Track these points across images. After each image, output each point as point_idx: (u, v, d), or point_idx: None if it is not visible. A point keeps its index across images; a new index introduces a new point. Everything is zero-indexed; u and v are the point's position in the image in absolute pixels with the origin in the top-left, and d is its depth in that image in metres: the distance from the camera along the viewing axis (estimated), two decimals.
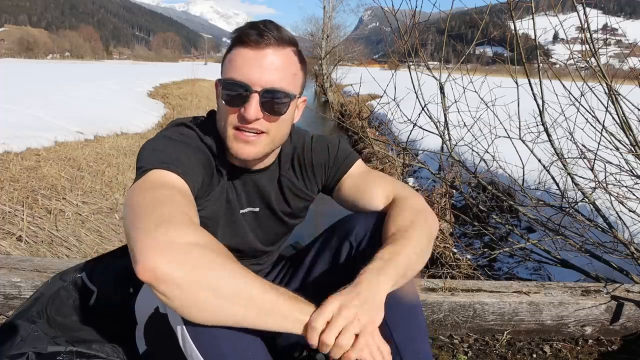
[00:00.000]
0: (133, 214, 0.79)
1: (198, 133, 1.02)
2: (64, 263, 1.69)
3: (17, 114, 6.46)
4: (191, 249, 0.72)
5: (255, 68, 0.94)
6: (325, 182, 1.18)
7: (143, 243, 0.71)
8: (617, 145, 2.02)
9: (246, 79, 0.94)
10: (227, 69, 0.97)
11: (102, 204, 3.75)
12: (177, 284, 0.70)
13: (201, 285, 0.71)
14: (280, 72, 0.95)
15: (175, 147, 0.94)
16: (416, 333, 0.99)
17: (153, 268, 0.69)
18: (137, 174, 0.90)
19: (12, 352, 1.10)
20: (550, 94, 2.12)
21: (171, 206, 0.79)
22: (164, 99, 12.41)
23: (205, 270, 0.71)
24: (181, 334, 0.79)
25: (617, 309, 1.68)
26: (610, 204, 2.07)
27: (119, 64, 60.62)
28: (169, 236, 0.72)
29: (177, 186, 0.87)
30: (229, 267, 0.74)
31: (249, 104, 0.94)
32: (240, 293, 0.73)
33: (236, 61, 0.95)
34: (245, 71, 0.94)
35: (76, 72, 23.14)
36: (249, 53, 0.94)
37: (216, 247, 0.76)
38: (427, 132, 2.48)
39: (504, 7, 2.21)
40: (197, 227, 0.78)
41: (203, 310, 0.73)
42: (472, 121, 2.42)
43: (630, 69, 2.04)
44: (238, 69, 0.95)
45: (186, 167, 0.90)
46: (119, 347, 1.18)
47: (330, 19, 23.11)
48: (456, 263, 2.87)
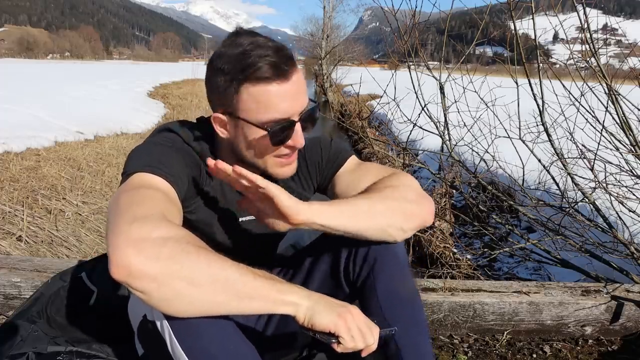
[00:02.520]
0: (111, 216, 0.78)
1: (184, 136, 1.00)
2: (64, 263, 1.69)
3: (17, 114, 6.46)
4: (165, 242, 0.71)
5: (292, 101, 0.90)
6: (320, 181, 1.17)
7: (116, 241, 0.70)
8: (617, 145, 2.02)
9: (288, 114, 0.90)
10: (257, 110, 0.89)
11: (102, 204, 3.75)
12: (152, 278, 0.68)
13: (176, 276, 0.69)
14: (305, 90, 0.94)
15: (160, 151, 0.92)
16: (417, 331, 0.99)
17: (127, 265, 0.68)
18: (122, 179, 0.89)
19: (12, 352, 1.10)
20: (550, 94, 2.12)
21: (148, 204, 0.78)
22: (164, 99, 12.42)
23: (178, 260, 0.70)
24: (168, 337, 0.78)
25: (617, 309, 1.68)
26: (610, 204, 2.07)
27: (119, 64, 60.62)
28: (142, 232, 0.71)
29: (160, 187, 0.85)
30: (204, 256, 0.72)
31: (296, 134, 0.92)
32: (217, 279, 0.72)
33: (269, 100, 0.89)
34: (283, 107, 0.90)
35: (76, 72, 23.15)
36: (281, 89, 0.88)
37: (190, 239, 0.75)
38: (427, 132, 2.48)
39: (504, 7, 2.21)
40: (171, 223, 0.76)
41: (182, 301, 0.72)
42: (472, 121, 2.41)
43: (630, 69, 2.04)
44: (276, 108, 0.89)
45: (170, 169, 0.89)
46: (119, 347, 1.18)
47: (330, 19, 23.10)
48: (456, 263, 2.87)
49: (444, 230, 3.58)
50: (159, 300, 0.71)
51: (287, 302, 0.76)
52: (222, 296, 0.73)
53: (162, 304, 0.72)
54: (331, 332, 0.78)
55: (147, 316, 0.88)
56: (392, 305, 0.97)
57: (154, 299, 0.70)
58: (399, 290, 0.98)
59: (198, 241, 0.76)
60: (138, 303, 0.91)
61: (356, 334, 0.79)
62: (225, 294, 0.73)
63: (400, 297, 0.98)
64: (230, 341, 0.79)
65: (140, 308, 0.91)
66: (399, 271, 1.00)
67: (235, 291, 0.73)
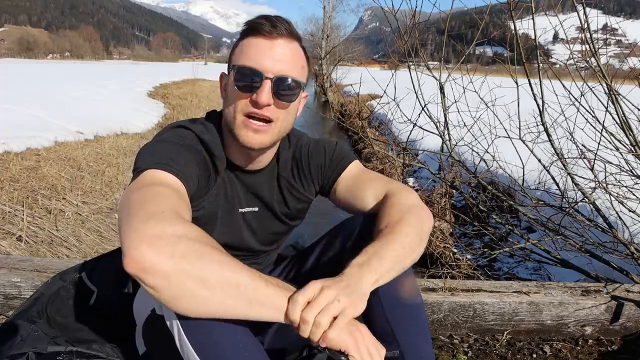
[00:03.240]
0: (124, 212, 0.79)
1: (195, 133, 1.02)
2: (64, 263, 1.69)
3: (17, 114, 6.46)
4: (179, 240, 0.72)
5: (268, 56, 0.97)
6: (322, 184, 1.19)
7: (131, 236, 0.71)
8: (617, 145, 2.02)
9: (259, 66, 0.96)
10: (239, 57, 0.99)
11: (102, 204, 3.75)
12: (164, 275, 0.70)
13: (188, 276, 0.70)
14: (290, 62, 0.99)
15: (171, 148, 0.94)
16: (418, 333, 0.99)
17: (141, 260, 0.69)
18: (133, 175, 0.90)
19: (12, 352, 1.10)
20: (550, 94, 2.12)
21: (161, 202, 0.79)
22: (164, 99, 12.41)
23: (192, 260, 0.71)
24: (177, 333, 0.79)
25: (617, 309, 1.69)
26: (610, 204, 2.07)
27: (119, 64, 60.62)
28: (157, 229, 0.72)
29: (171, 185, 0.87)
30: (217, 258, 0.73)
31: (261, 89, 0.96)
32: (228, 283, 0.72)
33: (249, 49, 0.98)
34: (258, 59, 0.96)
35: (76, 72, 23.13)
36: (262, 42, 0.97)
37: (204, 239, 0.76)
38: (427, 132, 2.49)
39: (504, 7, 2.21)
40: (185, 221, 0.77)
41: (192, 301, 0.72)
42: (472, 121, 2.42)
43: (630, 69, 2.04)
44: (251, 57, 0.97)
45: (181, 167, 0.91)
46: (119, 347, 1.18)
47: (330, 19, 23.09)
48: (456, 263, 2.87)
49: (444, 230, 3.58)
50: (169, 297, 0.72)
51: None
52: (232, 300, 0.73)
53: (171, 301, 0.72)
54: (341, 350, 0.77)
55: (156, 310, 0.88)
56: (393, 305, 0.97)
57: (164, 295, 0.71)
58: (401, 291, 0.98)
59: (211, 241, 0.77)
60: (146, 298, 0.92)
61: (365, 353, 0.78)
62: (235, 298, 0.73)
63: (402, 297, 0.98)
64: (238, 338, 0.79)
65: (149, 302, 0.91)
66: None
67: (246, 296, 0.74)
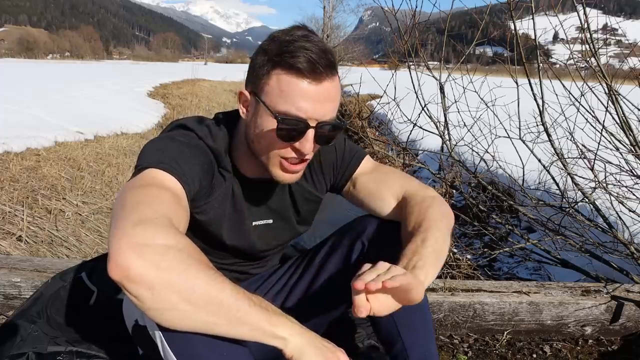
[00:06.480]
0: (118, 210, 0.77)
1: (200, 135, 0.98)
2: (64, 263, 1.69)
3: (17, 114, 6.45)
4: (167, 251, 0.70)
5: (315, 104, 0.88)
6: (334, 181, 1.17)
7: (120, 241, 0.69)
8: (617, 145, 2.02)
9: (305, 115, 0.88)
10: (277, 99, 0.88)
11: (102, 204, 3.75)
12: (149, 286, 0.68)
13: (173, 289, 0.68)
14: (334, 104, 0.92)
15: (175, 148, 0.91)
16: (423, 332, 1.00)
17: (126, 267, 0.67)
18: (135, 171, 0.87)
19: (12, 352, 1.10)
20: (550, 94, 2.12)
21: (155, 206, 0.77)
22: (164, 99, 12.38)
23: (178, 273, 0.69)
24: (160, 343, 0.78)
25: (617, 309, 1.69)
26: (610, 204, 2.07)
27: (118, 64, 60.52)
28: (146, 236, 0.70)
29: (170, 187, 0.84)
30: (204, 273, 0.71)
31: (305, 139, 0.90)
32: (212, 301, 0.70)
33: (292, 93, 0.87)
34: (303, 106, 0.88)
35: (76, 72, 23.10)
36: (309, 87, 0.87)
37: (194, 252, 0.73)
38: (427, 132, 2.48)
39: (504, 7, 2.21)
40: (176, 231, 0.75)
41: (173, 315, 0.71)
42: (472, 121, 2.42)
43: (630, 69, 2.04)
44: (295, 103, 0.88)
45: (183, 168, 0.87)
46: (119, 347, 1.18)
47: (330, 19, 23.12)
48: (456, 263, 2.87)
49: None
50: (151, 308, 0.70)
51: (277, 335, 0.75)
52: (214, 318, 0.72)
53: (153, 312, 0.71)
54: None
55: (139, 321, 0.87)
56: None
57: (147, 306, 0.70)
58: None
59: (199, 253, 0.75)
60: (130, 306, 0.91)
61: None
62: (217, 316, 0.72)
63: None
64: (224, 349, 0.77)
65: (133, 311, 0.90)
66: None
67: (228, 315, 0.72)
